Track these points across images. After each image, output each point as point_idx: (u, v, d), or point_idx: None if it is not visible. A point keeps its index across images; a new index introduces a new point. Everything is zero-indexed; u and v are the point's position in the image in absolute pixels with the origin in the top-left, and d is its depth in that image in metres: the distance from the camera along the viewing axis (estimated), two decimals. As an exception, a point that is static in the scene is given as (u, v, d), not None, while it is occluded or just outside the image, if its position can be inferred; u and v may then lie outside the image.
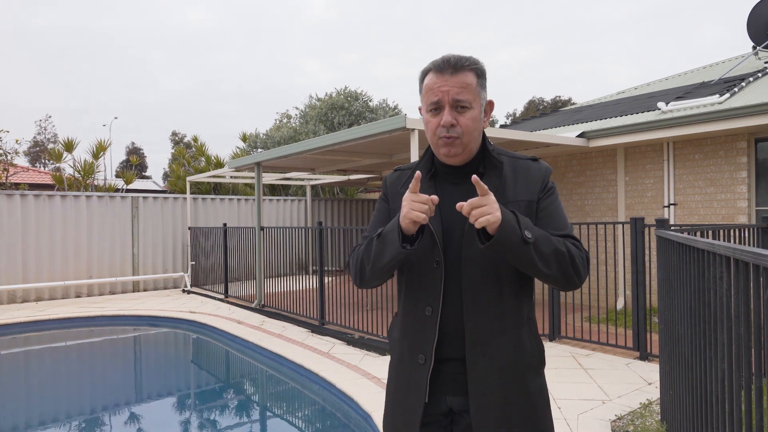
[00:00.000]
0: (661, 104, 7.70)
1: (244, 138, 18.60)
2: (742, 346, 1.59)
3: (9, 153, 11.58)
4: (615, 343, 5.52)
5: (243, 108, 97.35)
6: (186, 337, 7.96)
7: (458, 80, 1.45)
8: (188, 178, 11.73)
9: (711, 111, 6.53)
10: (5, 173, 11.22)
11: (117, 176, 16.83)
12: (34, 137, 52.79)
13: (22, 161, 27.76)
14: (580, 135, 7.77)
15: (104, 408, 4.92)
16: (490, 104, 1.55)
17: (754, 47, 9.58)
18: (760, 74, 8.34)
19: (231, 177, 12.47)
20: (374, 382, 4.72)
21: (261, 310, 8.45)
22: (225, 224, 10.14)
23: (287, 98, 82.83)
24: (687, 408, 2.54)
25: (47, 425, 4.51)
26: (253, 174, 11.49)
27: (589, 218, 8.36)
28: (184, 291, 11.01)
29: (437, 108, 1.47)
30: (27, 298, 9.91)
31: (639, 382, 4.49)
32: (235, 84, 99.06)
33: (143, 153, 58.34)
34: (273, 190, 15.59)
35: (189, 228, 11.43)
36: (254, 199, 12.92)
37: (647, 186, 7.72)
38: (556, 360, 5.23)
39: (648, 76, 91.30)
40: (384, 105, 19.00)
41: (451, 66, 1.45)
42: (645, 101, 9.11)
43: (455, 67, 1.45)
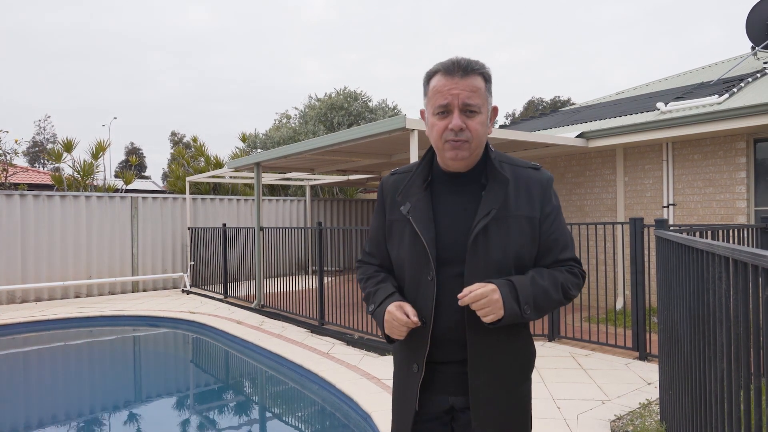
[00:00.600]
0: (660, 104, 7.71)
1: (244, 138, 18.58)
2: (741, 346, 1.60)
3: (8, 153, 11.56)
4: (614, 343, 5.53)
5: (242, 108, 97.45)
6: (185, 338, 7.96)
7: (468, 84, 1.43)
8: (188, 179, 11.72)
9: (710, 111, 6.54)
10: (4, 173, 11.20)
11: (116, 176, 16.79)
12: (33, 137, 52.78)
13: (21, 161, 27.72)
14: (580, 135, 7.78)
15: (104, 408, 4.92)
16: (495, 110, 1.54)
17: (753, 48, 9.59)
18: (759, 74, 8.35)
19: (230, 177, 12.46)
20: (374, 383, 4.73)
21: (260, 311, 8.45)
22: (224, 224, 10.14)
23: (287, 98, 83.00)
24: (686, 408, 2.54)
25: (47, 425, 4.51)
26: (253, 174, 11.48)
27: (589, 218, 8.37)
28: (184, 291, 11.01)
29: (445, 111, 1.44)
30: (26, 299, 9.90)
31: (638, 382, 4.49)
32: (235, 84, 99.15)
33: (142, 153, 58.35)
34: (272, 191, 15.58)
35: (188, 228, 11.43)
36: (254, 200, 12.92)
37: (646, 186, 7.73)
38: (556, 360, 5.24)
39: (647, 77, 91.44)
40: (383, 105, 18.99)
41: (461, 69, 1.43)
42: (644, 101, 9.12)
43: (465, 71, 1.43)
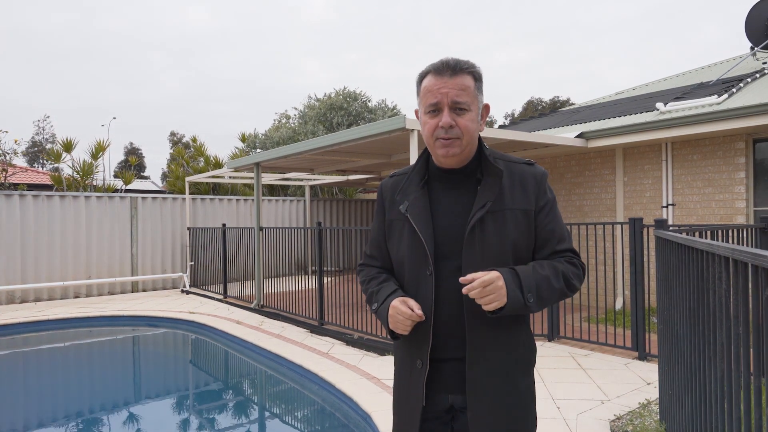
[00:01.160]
0: (660, 105, 7.72)
1: (243, 138, 18.57)
2: (741, 346, 1.60)
3: (8, 153, 11.54)
4: (614, 343, 5.53)
5: (242, 108, 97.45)
6: (185, 338, 7.95)
7: (457, 82, 1.47)
8: (187, 179, 11.72)
9: (709, 111, 6.55)
10: (4, 173, 11.18)
11: (116, 176, 16.78)
12: (33, 137, 52.77)
13: (21, 161, 27.68)
14: (579, 135, 7.78)
15: (103, 408, 4.92)
16: (486, 108, 1.58)
17: (752, 48, 9.60)
18: (758, 75, 8.36)
19: (230, 177, 12.46)
20: (374, 383, 4.73)
21: (260, 311, 8.45)
22: (224, 224, 10.14)
23: (286, 98, 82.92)
24: (686, 408, 2.55)
25: (46, 425, 4.50)
26: (252, 174, 11.49)
27: (588, 218, 8.37)
28: (183, 291, 11.01)
29: (436, 110, 1.49)
30: (26, 299, 9.90)
31: (638, 382, 4.50)
32: (235, 84, 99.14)
33: (142, 153, 58.36)
34: (272, 191, 15.58)
35: (188, 228, 11.43)
36: (253, 200, 12.90)
37: (646, 186, 7.74)
38: (555, 360, 5.24)
39: (646, 77, 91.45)
40: (383, 105, 18.98)
41: (450, 68, 1.48)
42: (643, 102, 9.13)
43: (454, 70, 1.48)
